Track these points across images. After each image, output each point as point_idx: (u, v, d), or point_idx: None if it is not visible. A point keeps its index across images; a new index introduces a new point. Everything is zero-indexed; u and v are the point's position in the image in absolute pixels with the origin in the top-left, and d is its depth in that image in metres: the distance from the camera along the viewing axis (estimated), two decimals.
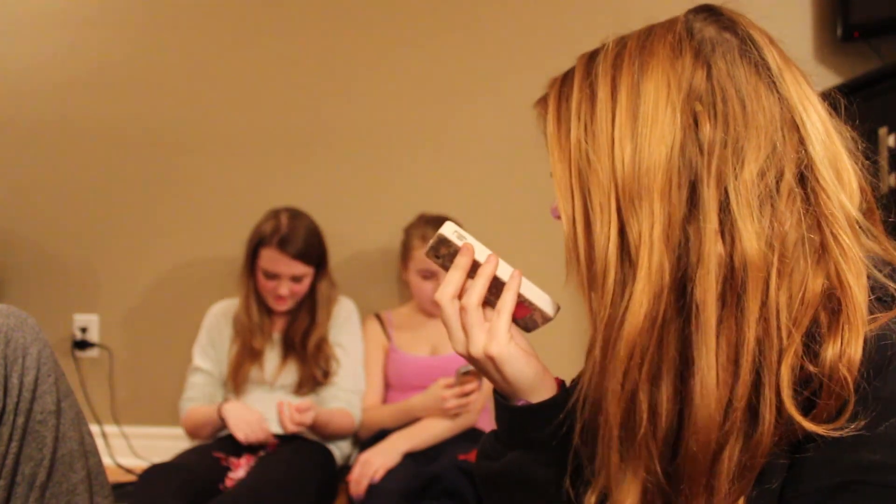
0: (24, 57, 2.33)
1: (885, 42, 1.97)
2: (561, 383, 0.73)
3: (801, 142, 0.58)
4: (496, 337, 0.68)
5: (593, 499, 0.62)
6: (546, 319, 0.72)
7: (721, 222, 0.56)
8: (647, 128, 0.58)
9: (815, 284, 0.56)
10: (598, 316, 0.60)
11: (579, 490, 0.66)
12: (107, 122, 2.31)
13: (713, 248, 0.56)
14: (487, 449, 0.76)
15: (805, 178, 0.58)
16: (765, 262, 0.55)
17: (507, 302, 0.69)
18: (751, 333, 0.55)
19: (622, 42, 0.64)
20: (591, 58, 0.65)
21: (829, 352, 0.54)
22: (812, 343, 0.56)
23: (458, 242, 0.71)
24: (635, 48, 0.62)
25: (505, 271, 0.70)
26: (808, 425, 0.54)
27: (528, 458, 0.71)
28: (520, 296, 0.70)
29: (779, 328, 0.56)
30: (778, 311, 0.56)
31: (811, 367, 0.55)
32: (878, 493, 0.52)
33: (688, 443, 0.56)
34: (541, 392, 0.70)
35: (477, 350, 0.68)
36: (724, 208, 0.56)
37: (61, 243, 2.33)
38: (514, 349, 0.68)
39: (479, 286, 0.69)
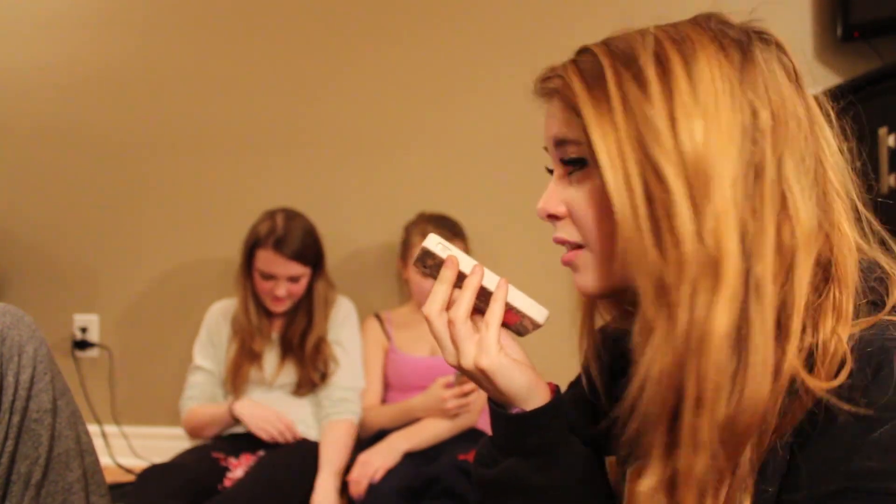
0: (24, 59, 2.33)
1: (885, 42, 1.97)
2: (555, 389, 0.73)
3: (813, 131, 0.62)
4: (486, 349, 0.67)
5: (652, 481, 0.60)
6: (536, 326, 0.72)
7: (780, 203, 0.58)
8: (710, 114, 0.58)
9: (820, 260, 0.60)
10: (680, 304, 0.57)
11: (622, 486, 0.65)
12: (106, 123, 2.31)
13: (772, 229, 0.57)
14: (484, 456, 0.75)
15: (820, 165, 0.62)
16: (813, 239, 0.58)
17: (494, 313, 0.69)
18: (801, 304, 0.57)
19: (646, 30, 0.62)
20: (606, 44, 0.63)
21: (822, 326, 0.57)
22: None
23: (443, 254, 0.70)
24: (668, 36, 0.61)
25: (491, 281, 0.69)
26: (811, 381, 0.55)
27: (524, 465, 0.70)
28: (508, 304, 0.69)
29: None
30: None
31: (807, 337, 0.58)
32: (874, 499, 0.52)
33: (736, 418, 0.56)
34: (535, 399, 0.69)
35: (468, 362, 0.68)
36: (783, 190, 0.58)
37: (61, 243, 2.34)
38: (504, 360, 0.68)
39: (466, 299, 0.69)
